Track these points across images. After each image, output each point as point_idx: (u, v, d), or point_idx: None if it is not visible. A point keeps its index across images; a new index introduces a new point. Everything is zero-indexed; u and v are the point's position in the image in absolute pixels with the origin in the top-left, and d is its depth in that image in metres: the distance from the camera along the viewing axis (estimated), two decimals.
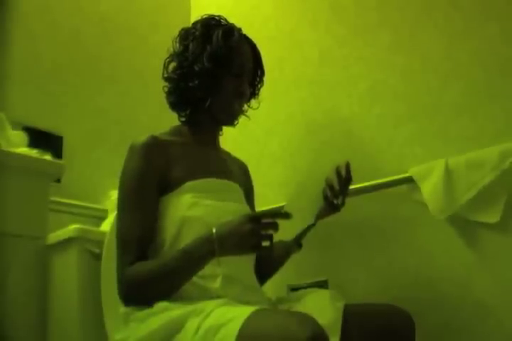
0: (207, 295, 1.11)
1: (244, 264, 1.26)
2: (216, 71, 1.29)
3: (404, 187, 1.51)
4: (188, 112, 1.35)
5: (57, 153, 1.71)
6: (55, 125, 1.78)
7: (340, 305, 1.17)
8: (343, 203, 1.38)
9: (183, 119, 1.38)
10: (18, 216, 1.37)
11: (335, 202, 1.36)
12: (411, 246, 1.49)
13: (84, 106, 1.90)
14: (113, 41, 2.08)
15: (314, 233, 1.56)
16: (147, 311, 1.05)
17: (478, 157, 1.38)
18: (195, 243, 1.08)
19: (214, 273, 1.15)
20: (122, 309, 1.11)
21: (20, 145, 1.45)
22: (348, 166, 1.35)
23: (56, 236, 1.46)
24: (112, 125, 1.95)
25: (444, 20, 1.56)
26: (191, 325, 0.97)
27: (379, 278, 1.53)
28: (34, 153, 1.44)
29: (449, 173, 1.41)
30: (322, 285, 1.59)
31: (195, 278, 1.11)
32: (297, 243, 1.44)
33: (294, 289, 1.56)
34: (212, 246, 1.05)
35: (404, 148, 1.56)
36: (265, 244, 1.05)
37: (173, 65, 1.36)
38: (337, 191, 1.35)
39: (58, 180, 1.64)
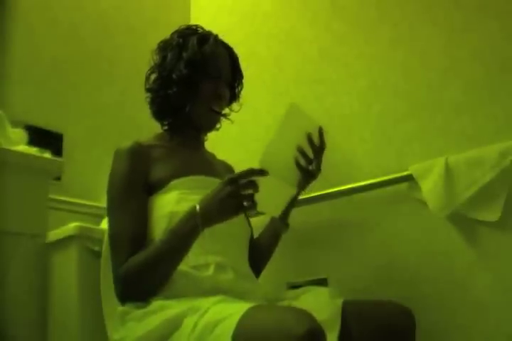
0: (200, 286, 1.11)
1: (237, 253, 1.27)
2: (193, 76, 1.32)
3: (404, 185, 1.51)
4: (170, 120, 1.39)
5: (57, 151, 1.71)
6: (55, 123, 1.78)
7: (339, 301, 1.18)
8: (318, 169, 1.37)
9: (166, 128, 1.41)
10: (17, 214, 1.36)
11: (310, 168, 1.36)
12: (411, 244, 1.49)
13: (84, 104, 1.90)
14: (113, 38, 2.08)
15: (314, 231, 1.56)
16: (144, 310, 1.06)
17: (478, 155, 1.38)
18: (180, 221, 1.10)
19: (206, 262, 1.16)
20: (120, 308, 1.12)
21: (20, 143, 1.44)
22: (320, 131, 1.34)
23: (56, 234, 1.46)
24: (112, 123, 1.95)
25: (444, 18, 1.56)
26: (188, 323, 0.97)
27: (379, 276, 1.53)
28: (34, 150, 1.43)
29: (449, 171, 1.41)
30: (321, 283, 1.59)
31: (187, 269, 1.13)
32: (284, 221, 1.45)
33: (294, 287, 1.56)
34: (196, 219, 1.07)
35: (404, 146, 1.56)
36: (247, 203, 1.07)
37: (154, 76, 1.39)
38: (310, 157, 1.34)
39: (58, 178, 1.64)
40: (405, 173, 1.49)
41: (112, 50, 2.06)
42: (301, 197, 1.66)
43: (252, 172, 1.07)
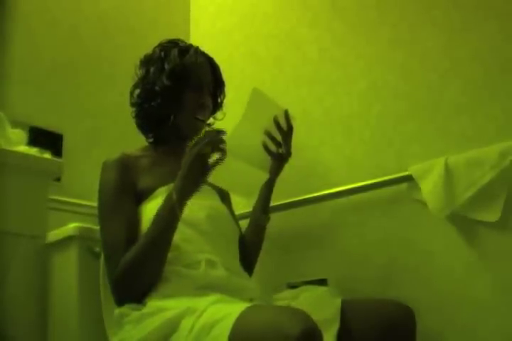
0: (193, 283, 1.12)
1: (228, 253, 1.28)
2: (175, 87, 1.34)
3: (404, 185, 1.51)
4: (155, 132, 1.41)
5: (57, 152, 1.71)
6: (55, 123, 1.78)
7: (338, 300, 1.18)
8: (288, 152, 1.38)
9: (151, 140, 1.43)
10: (17, 214, 1.36)
11: (280, 151, 1.36)
12: (411, 244, 1.49)
13: (84, 105, 1.90)
14: (113, 40, 2.08)
15: (314, 231, 1.56)
16: (141, 312, 1.06)
17: (478, 155, 1.38)
18: (160, 206, 1.14)
19: (197, 259, 1.17)
20: (117, 310, 1.13)
21: (19, 144, 1.44)
22: (286, 114, 1.34)
23: (56, 234, 1.46)
24: (112, 123, 1.95)
25: (444, 18, 1.56)
26: (185, 324, 0.98)
27: (379, 276, 1.53)
28: (34, 151, 1.43)
29: (448, 172, 1.41)
30: (321, 283, 1.58)
31: (179, 268, 1.14)
32: (264, 212, 1.45)
33: (293, 287, 1.56)
34: (171, 198, 1.12)
35: (404, 147, 1.56)
36: (217, 156, 1.12)
37: (137, 91, 1.42)
38: (278, 140, 1.34)
39: (58, 179, 1.64)
40: (405, 174, 1.49)
41: (111, 51, 2.06)
42: (301, 197, 1.67)
43: (208, 133, 1.13)
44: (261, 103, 1.27)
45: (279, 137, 1.34)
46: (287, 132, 1.35)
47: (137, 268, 1.11)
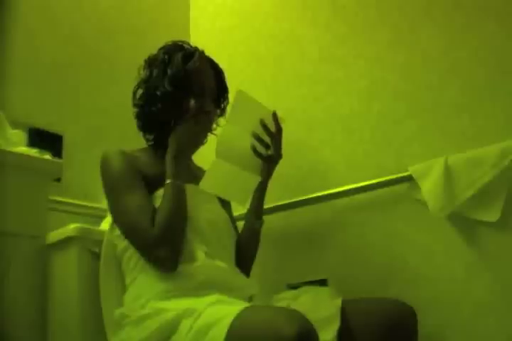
0: (193, 278, 1.13)
1: (225, 255, 1.28)
2: (177, 93, 1.33)
3: (403, 185, 1.51)
4: (155, 135, 1.40)
5: (57, 152, 1.70)
6: (55, 124, 1.78)
7: (338, 301, 1.18)
8: (278, 154, 1.37)
9: (151, 143, 1.42)
10: (17, 215, 1.37)
11: (269, 152, 1.35)
12: (411, 244, 1.49)
13: (84, 105, 1.90)
14: (113, 39, 2.08)
15: (314, 232, 1.56)
16: (141, 314, 1.07)
17: (478, 155, 1.38)
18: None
19: (196, 253, 1.18)
20: (117, 311, 1.14)
21: (19, 145, 1.44)
22: (275, 116, 1.33)
23: (56, 235, 1.46)
24: (112, 123, 1.95)
25: (444, 18, 1.56)
26: (184, 326, 0.99)
27: (379, 276, 1.53)
28: (34, 152, 1.43)
29: (448, 171, 1.41)
30: (322, 283, 1.59)
31: (179, 264, 1.14)
32: (257, 216, 1.43)
33: (294, 288, 1.56)
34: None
35: (403, 147, 1.56)
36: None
37: (140, 91, 1.41)
38: (266, 142, 1.34)
39: (58, 179, 1.64)
40: (405, 174, 1.49)
41: (112, 51, 2.05)
42: (301, 198, 1.67)
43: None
44: (247, 105, 1.27)
45: (267, 139, 1.33)
46: (276, 134, 1.34)
47: (175, 225, 1.14)
